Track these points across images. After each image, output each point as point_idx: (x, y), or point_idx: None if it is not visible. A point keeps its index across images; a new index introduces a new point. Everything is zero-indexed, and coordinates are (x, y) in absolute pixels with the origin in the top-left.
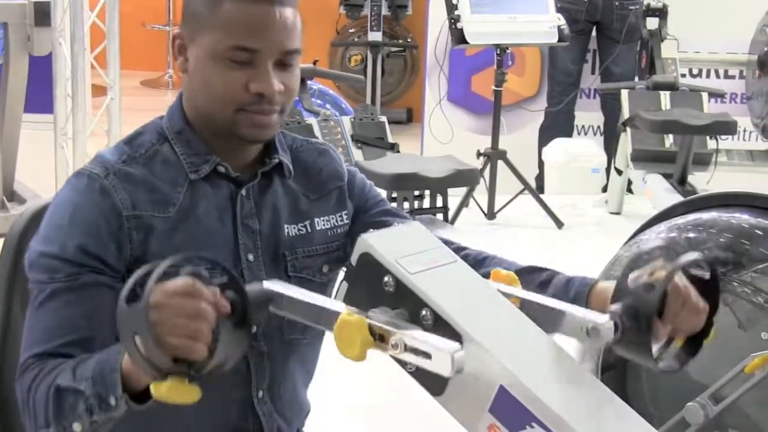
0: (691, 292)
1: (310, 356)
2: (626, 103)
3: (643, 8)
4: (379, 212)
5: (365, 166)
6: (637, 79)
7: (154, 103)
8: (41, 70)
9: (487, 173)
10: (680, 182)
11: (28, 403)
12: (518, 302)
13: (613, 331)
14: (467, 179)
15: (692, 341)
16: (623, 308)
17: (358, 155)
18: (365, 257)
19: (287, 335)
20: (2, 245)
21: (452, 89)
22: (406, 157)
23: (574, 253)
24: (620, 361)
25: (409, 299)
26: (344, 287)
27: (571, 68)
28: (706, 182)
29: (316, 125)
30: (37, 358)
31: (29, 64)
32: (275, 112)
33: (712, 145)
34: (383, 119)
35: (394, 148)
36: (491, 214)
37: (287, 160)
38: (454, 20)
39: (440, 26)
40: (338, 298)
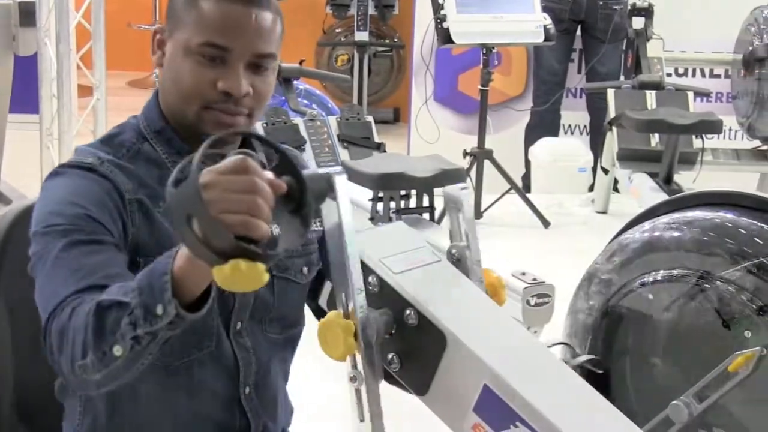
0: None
1: (288, 355)
2: (612, 102)
3: (628, 7)
4: None
5: (351, 165)
6: (622, 78)
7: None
8: (27, 70)
9: (473, 173)
10: (666, 181)
11: (65, 335)
12: (503, 302)
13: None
14: (454, 179)
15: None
16: None
17: (344, 155)
18: None
19: (268, 333)
20: None
21: (439, 89)
22: (392, 156)
23: (560, 252)
24: (605, 359)
25: (393, 299)
26: (329, 287)
27: (557, 68)
28: (692, 181)
29: (302, 125)
30: (75, 295)
31: (14, 64)
32: (242, 114)
33: (697, 144)
34: (369, 119)
35: (380, 147)
36: (478, 213)
37: (264, 160)
38: (440, 20)
39: (426, 26)
40: (323, 297)
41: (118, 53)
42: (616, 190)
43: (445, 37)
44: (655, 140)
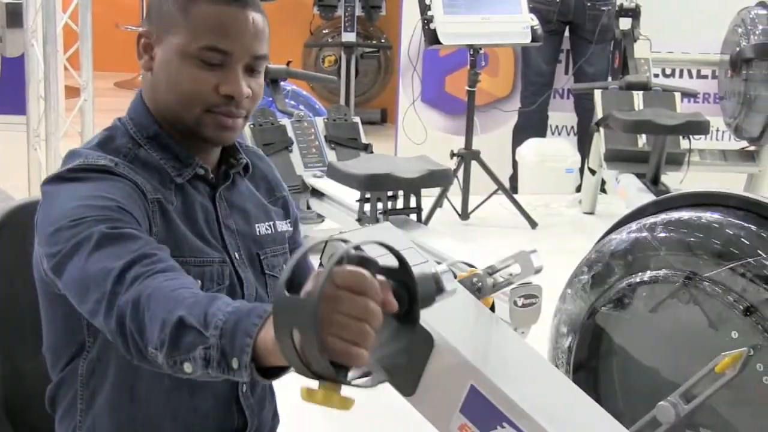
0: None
1: None
2: (599, 103)
3: (615, 8)
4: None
5: (338, 166)
6: (610, 79)
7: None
8: (14, 71)
9: (460, 174)
10: (653, 182)
11: (141, 318)
12: (490, 302)
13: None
14: (441, 180)
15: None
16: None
17: (331, 156)
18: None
19: None
20: None
21: (426, 90)
22: (379, 157)
23: (547, 253)
24: (592, 360)
25: None
26: None
27: (544, 68)
28: (679, 182)
29: (289, 126)
30: (127, 267)
31: (1, 65)
32: (241, 116)
33: (685, 144)
34: (356, 120)
35: (367, 148)
36: (465, 214)
37: (246, 159)
38: (427, 21)
39: (414, 27)
40: None
41: (105, 54)
42: (603, 190)
43: (432, 38)
44: (642, 141)
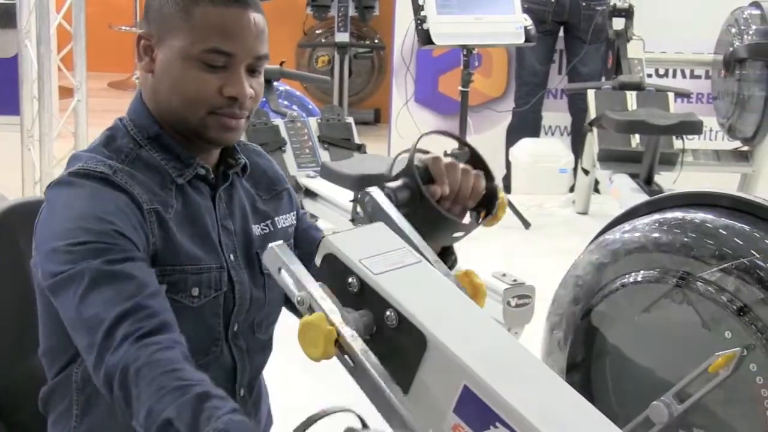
0: (446, 158)
1: (268, 354)
2: (592, 103)
3: (609, 8)
4: (309, 227)
5: (332, 167)
6: (603, 79)
7: (121, 104)
8: (7, 71)
9: None
10: (647, 182)
11: (129, 388)
12: (483, 303)
13: (387, 198)
14: None
15: (488, 207)
16: (394, 184)
17: (324, 156)
18: (329, 258)
19: (257, 334)
20: None
21: (419, 90)
22: (372, 158)
23: (541, 253)
24: (585, 360)
25: (373, 300)
26: None
27: (538, 69)
28: (672, 182)
29: (282, 126)
30: (116, 321)
31: None
32: (244, 116)
33: (678, 145)
34: (350, 120)
35: (360, 149)
36: None
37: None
38: (420, 21)
39: (407, 27)
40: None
41: (99, 55)
42: (596, 190)
43: (425, 38)
44: (635, 141)
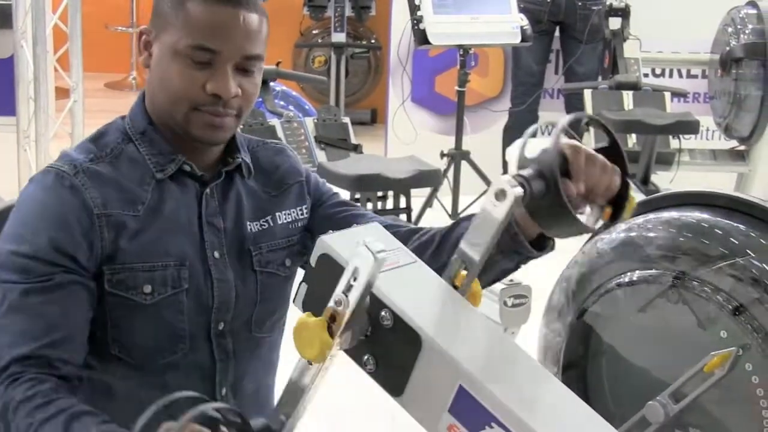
0: (589, 149)
1: (273, 353)
2: (589, 102)
3: (605, 8)
4: (335, 203)
5: (328, 167)
6: (600, 78)
7: (117, 105)
8: (3, 72)
9: (450, 174)
10: (643, 182)
11: (5, 417)
12: (479, 302)
13: (521, 192)
14: (430, 180)
15: (615, 206)
16: (527, 174)
17: (321, 156)
18: (324, 258)
19: (255, 333)
20: None
21: (416, 90)
22: (369, 158)
23: None
24: (581, 360)
25: (368, 300)
26: (303, 288)
27: (534, 68)
28: (669, 181)
29: (279, 126)
30: (19, 364)
31: None
32: (230, 115)
33: (675, 144)
34: (346, 120)
35: (357, 149)
36: (455, 214)
37: (248, 159)
38: (416, 21)
39: (403, 27)
40: (298, 299)
41: (95, 55)
42: None
43: (421, 38)
44: (632, 141)
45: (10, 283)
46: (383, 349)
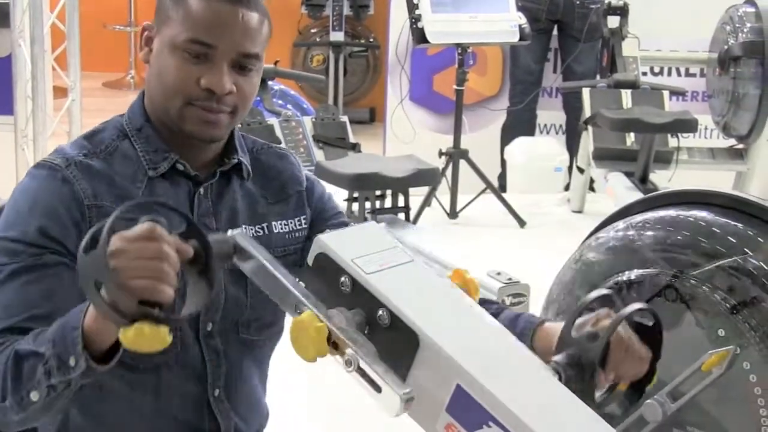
0: (634, 341)
1: (266, 357)
2: (587, 101)
3: (604, 7)
4: (337, 224)
5: (326, 166)
6: (598, 77)
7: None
8: (1, 71)
9: (449, 173)
10: (642, 180)
11: None
12: (477, 298)
13: (555, 374)
14: (428, 179)
15: (635, 386)
16: (566, 358)
17: (319, 155)
18: (321, 257)
19: (243, 334)
20: None
21: (414, 89)
22: (367, 157)
23: (536, 251)
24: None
25: (365, 299)
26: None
27: (532, 67)
28: (667, 180)
29: (277, 126)
30: (4, 331)
31: None
32: (224, 111)
33: (673, 143)
34: (344, 119)
35: (355, 148)
36: (453, 213)
37: (246, 161)
38: (415, 20)
39: (402, 26)
40: None
41: (93, 54)
42: (592, 189)
43: (420, 36)
44: (630, 139)
45: (3, 262)
46: (380, 348)
